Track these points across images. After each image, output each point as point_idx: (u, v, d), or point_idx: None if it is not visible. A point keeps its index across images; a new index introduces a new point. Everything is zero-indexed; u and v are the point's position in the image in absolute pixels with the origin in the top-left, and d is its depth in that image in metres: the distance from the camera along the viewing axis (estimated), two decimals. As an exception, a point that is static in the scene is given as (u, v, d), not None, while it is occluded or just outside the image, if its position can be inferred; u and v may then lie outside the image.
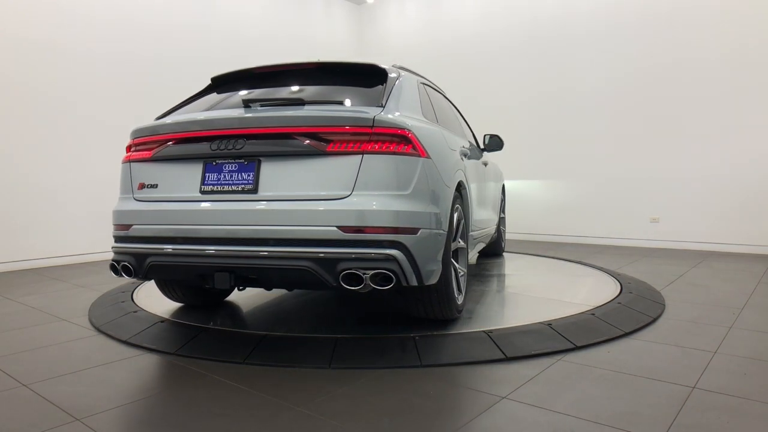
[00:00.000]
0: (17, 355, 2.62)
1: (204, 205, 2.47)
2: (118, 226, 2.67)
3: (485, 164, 4.22)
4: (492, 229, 4.60)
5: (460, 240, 2.95)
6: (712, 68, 5.98)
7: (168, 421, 1.86)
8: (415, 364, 2.36)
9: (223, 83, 3.16)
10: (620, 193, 6.70)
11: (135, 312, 3.21)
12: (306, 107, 2.50)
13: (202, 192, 2.49)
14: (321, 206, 2.28)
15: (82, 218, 5.57)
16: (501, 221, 5.36)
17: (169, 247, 2.50)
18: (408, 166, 2.34)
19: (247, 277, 2.45)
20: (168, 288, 3.24)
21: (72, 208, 5.55)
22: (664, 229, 6.40)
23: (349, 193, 2.27)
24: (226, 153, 2.44)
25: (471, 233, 3.33)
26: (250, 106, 2.58)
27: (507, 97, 7.58)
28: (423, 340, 2.54)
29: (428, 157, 2.44)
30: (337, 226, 2.23)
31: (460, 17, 8.11)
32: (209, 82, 3.25)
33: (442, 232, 2.50)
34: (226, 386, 2.16)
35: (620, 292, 3.53)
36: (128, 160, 2.77)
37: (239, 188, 2.42)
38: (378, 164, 2.29)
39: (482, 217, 3.89)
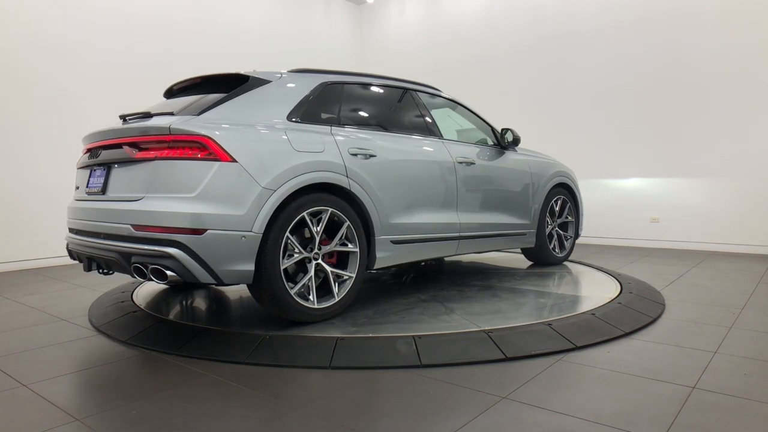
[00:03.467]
0: (17, 355, 2.62)
1: (83, 203, 3.01)
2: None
3: (470, 164, 3.80)
4: (509, 232, 4.18)
5: (349, 243, 2.99)
6: (713, 69, 5.97)
7: (168, 421, 1.86)
8: (415, 364, 2.36)
9: (168, 97, 3.47)
10: (620, 193, 6.70)
11: (135, 312, 3.21)
12: (151, 119, 2.77)
13: (86, 193, 3.02)
14: (125, 206, 2.64)
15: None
16: (565, 225, 4.79)
17: (71, 236, 3.10)
18: (196, 170, 2.51)
19: (98, 263, 2.89)
20: None
21: (72, 208, 5.55)
22: (664, 229, 6.40)
23: (143, 195, 2.59)
24: (94, 162, 2.96)
25: (389, 237, 3.18)
26: (126, 120, 2.90)
27: (506, 95, 7.58)
28: (423, 340, 2.54)
29: (233, 160, 2.55)
30: (130, 225, 2.56)
31: (460, 16, 8.11)
32: None
33: (249, 233, 2.55)
34: (226, 386, 2.16)
35: (620, 292, 3.53)
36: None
37: (96, 190, 2.91)
38: (166, 169, 2.55)
39: (435, 220, 3.51)
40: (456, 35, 8.15)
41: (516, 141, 4.24)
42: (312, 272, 2.83)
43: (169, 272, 2.46)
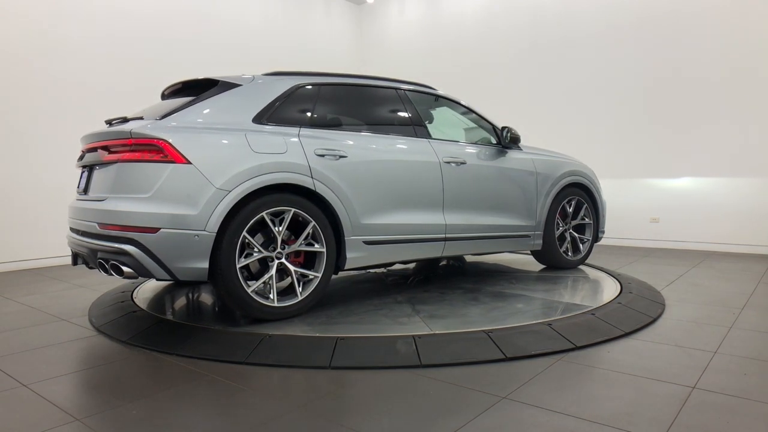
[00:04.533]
0: (17, 355, 2.62)
1: (75, 203, 3.15)
2: None
3: (460, 164, 3.69)
4: (508, 234, 4.01)
5: (315, 244, 3.03)
6: (713, 69, 5.97)
7: (168, 421, 1.86)
8: (415, 364, 2.36)
9: (162, 100, 3.54)
10: (620, 193, 6.70)
11: (135, 312, 3.21)
12: (127, 124, 2.91)
13: (77, 193, 3.19)
14: (94, 206, 2.83)
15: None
16: (583, 228, 4.56)
17: (68, 233, 3.20)
18: (152, 172, 2.65)
19: (81, 259, 3.04)
20: None
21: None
22: (664, 229, 6.40)
23: (107, 196, 2.78)
24: (82, 164, 3.15)
25: (361, 237, 3.18)
26: (111, 125, 3.04)
27: (507, 95, 7.58)
28: (423, 340, 2.54)
29: (188, 162, 2.66)
30: (96, 223, 2.75)
31: (460, 16, 8.11)
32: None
33: (202, 232, 2.65)
34: (226, 386, 2.16)
35: (620, 292, 3.53)
36: None
37: (82, 190, 3.11)
38: (125, 171, 2.74)
39: (415, 221, 3.44)
40: (456, 35, 8.15)
41: (514, 139, 4.08)
42: (273, 271, 2.89)
43: (125, 268, 2.63)
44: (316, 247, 3.04)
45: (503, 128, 4.10)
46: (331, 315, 3.05)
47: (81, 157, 3.16)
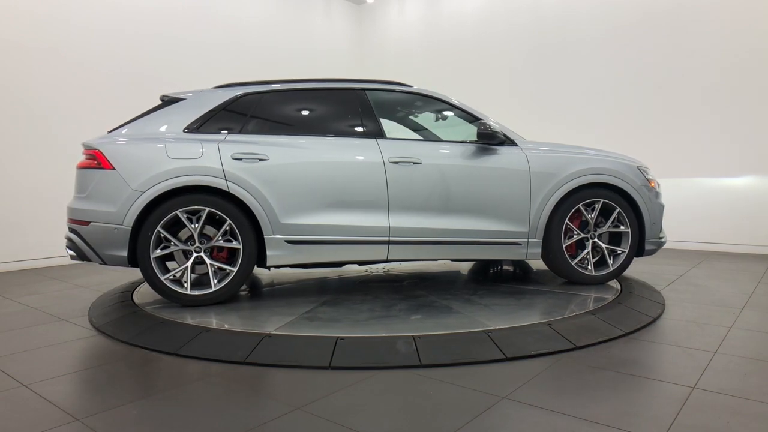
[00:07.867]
0: (17, 355, 2.62)
1: None
2: None
3: (414, 163, 3.45)
4: (485, 240, 3.56)
5: (233, 241, 3.29)
6: (712, 69, 5.97)
7: (168, 421, 1.86)
8: (415, 364, 2.36)
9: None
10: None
11: (135, 312, 3.21)
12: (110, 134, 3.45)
13: None
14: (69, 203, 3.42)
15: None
16: (618, 237, 3.83)
17: None
18: (87, 177, 3.27)
19: None
20: None
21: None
22: (664, 229, 6.38)
23: (74, 195, 3.37)
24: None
25: (282, 236, 3.27)
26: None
27: (506, 95, 7.58)
28: (423, 340, 2.54)
29: (113, 168, 3.19)
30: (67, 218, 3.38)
31: (460, 16, 8.11)
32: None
33: (120, 226, 3.15)
34: (226, 386, 2.16)
35: (620, 292, 3.53)
36: None
37: None
38: (78, 175, 3.36)
39: (348, 222, 3.36)
40: (456, 35, 8.15)
41: (484, 135, 3.56)
42: (189, 263, 3.26)
43: (70, 252, 3.30)
44: (234, 244, 3.28)
45: (479, 124, 3.64)
46: (232, 306, 3.28)
47: None
